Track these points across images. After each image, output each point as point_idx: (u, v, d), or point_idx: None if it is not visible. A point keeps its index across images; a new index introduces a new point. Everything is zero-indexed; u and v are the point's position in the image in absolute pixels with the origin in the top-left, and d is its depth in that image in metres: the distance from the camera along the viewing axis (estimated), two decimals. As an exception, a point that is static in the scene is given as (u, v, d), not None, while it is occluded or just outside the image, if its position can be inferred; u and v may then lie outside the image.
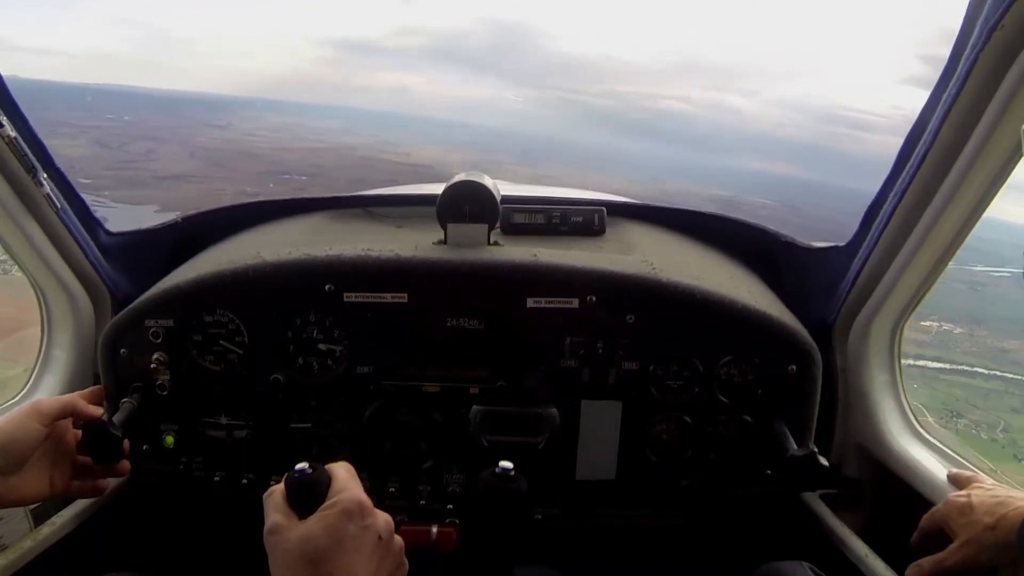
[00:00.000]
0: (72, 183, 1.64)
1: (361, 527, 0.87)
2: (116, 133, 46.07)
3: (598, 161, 51.72)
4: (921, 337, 7.16)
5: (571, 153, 34.83)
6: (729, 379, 1.62)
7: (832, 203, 26.57)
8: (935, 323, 7.59)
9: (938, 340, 7.43)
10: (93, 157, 36.31)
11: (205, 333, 1.58)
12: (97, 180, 29.53)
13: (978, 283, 8.21)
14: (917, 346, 6.87)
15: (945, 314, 7.92)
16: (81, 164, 32.84)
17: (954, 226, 1.43)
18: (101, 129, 46.31)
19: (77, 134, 40.76)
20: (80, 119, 49.39)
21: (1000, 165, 1.32)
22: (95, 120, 51.71)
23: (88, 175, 30.12)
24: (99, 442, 1.36)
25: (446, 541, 1.53)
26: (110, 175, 30.96)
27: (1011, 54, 1.20)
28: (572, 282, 1.56)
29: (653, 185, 15.62)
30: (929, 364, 6.76)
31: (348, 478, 0.93)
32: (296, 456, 0.93)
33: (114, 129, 48.79)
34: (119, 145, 41.10)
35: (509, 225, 1.89)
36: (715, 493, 1.69)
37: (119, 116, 60.96)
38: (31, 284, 1.70)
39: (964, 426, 5.93)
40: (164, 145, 44.44)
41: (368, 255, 1.57)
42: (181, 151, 43.30)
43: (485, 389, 1.61)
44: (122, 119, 58.75)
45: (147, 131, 51.08)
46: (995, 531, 1.20)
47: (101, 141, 41.29)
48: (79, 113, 54.71)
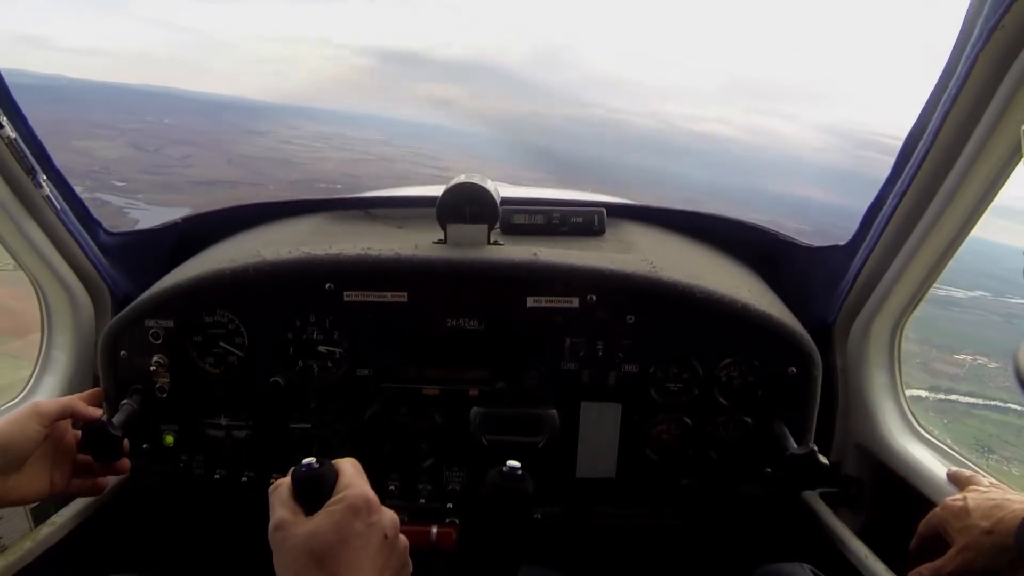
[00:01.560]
0: (72, 184, 1.64)
1: (368, 524, 0.86)
2: (154, 136, 45.94)
3: (638, 181, 51.38)
4: (954, 371, 7.00)
5: (610, 172, 34.61)
6: (729, 381, 1.62)
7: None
8: (969, 357, 7.40)
9: (972, 374, 7.21)
10: (129, 159, 36.23)
11: (205, 334, 1.58)
12: (131, 183, 29.48)
13: (1015, 315, 8.07)
14: (950, 380, 6.69)
15: (980, 347, 7.72)
16: (117, 166, 32.76)
17: (954, 226, 1.43)
18: (139, 131, 46.19)
19: (115, 136, 40.59)
20: (120, 120, 49.15)
21: (1000, 165, 1.32)
22: (134, 122, 51.56)
23: (123, 178, 30.04)
24: (99, 442, 1.36)
25: (446, 541, 1.53)
26: (145, 179, 30.92)
27: (1011, 54, 1.20)
28: (572, 281, 1.56)
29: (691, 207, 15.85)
30: (961, 399, 6.58)
31: (355, 474, 0.92)
32: (296, 456, 0.93)
33: (153, 131, 48.69)
34: (156, 148, 41.01)
35: (509, 226, 1.89)
36: (715, 493, 1.69)
37: (159, 119, 60.84)
38: (32, 285, 1.70)
39: (995, 462, 5.86)
40: (202, 150, 44.08)
41: (368, 254, 1.57)
42: (219, 157, 43.11)
43: (485, 391, 1.61)
44: (162, 121, 58.62)
45: (186, 135, 50.87)
46: (992, 535, 1.20)
47: (138, 144, 41.21)
48: (119, 114, 54.44)
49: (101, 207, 24.93)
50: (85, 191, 9.95)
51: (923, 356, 7.66)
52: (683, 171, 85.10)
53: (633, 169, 16.56)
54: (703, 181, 18.46)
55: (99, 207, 25.70)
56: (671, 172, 76.55)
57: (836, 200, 32.67)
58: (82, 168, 31.87)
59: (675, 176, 15.47)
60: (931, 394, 6.16)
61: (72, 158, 34.80)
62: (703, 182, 14.91)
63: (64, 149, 37.71)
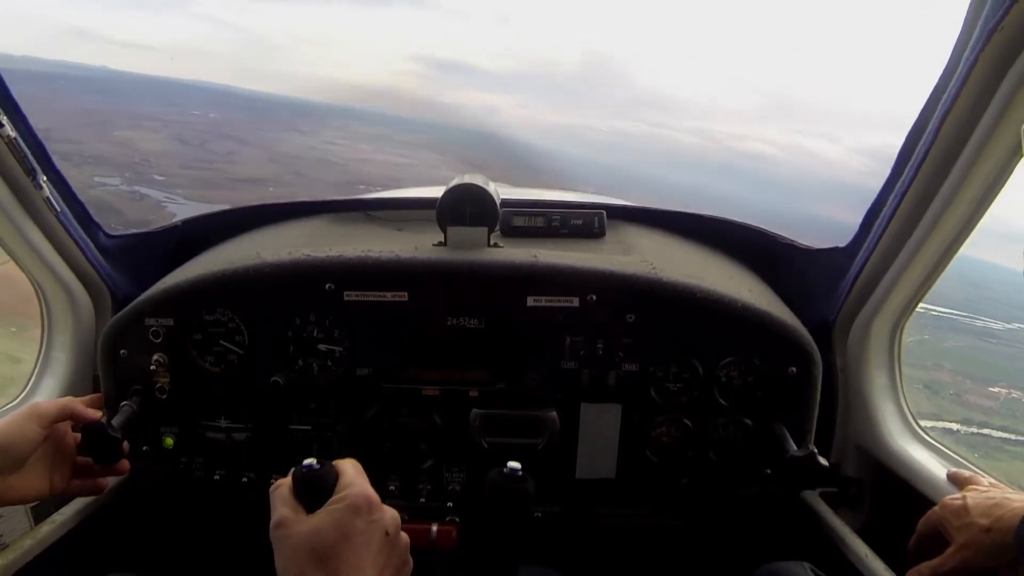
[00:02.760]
0: (72, 185, 1.64)
1: (369, 522, 0.86)
2: (199, 131, 45.73)
3: (680, 198, 50.88)
4: (988, 404, 6.88)
5: (653, 187, 34.00)
6: (729, 381, 1.62)
7: None
8: (1004, 390, 7.23)
9: (1007, 408, 7.09)
10: (172, 153, 36.07)
11: (205, 332, 1.58)
12: (172, 177, 29.32)
13: (1055, 346, 7.98)
14: (983, 413, 6.56)
15: (1016, 381, 7.53)
16: (158, 160, 32.63)
17: (954, 226, 1.43)
18: (184, 125, 45.98)
19: (159, 128, 40.37)
20: (165, 114, 48.80)
21: (1000, 165, 1.32)
22: (179, 116, 51.26)
23: (164, 172, 29.95)
24: (98, 444, 1.36)
25: (446, 539, 1.53)
26: (186, 173, 30.82)
27: (1011, 55, 1.20)
28: (572, 281, 1.56)
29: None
30: (994, 433, 6.35)
31: (356, 474, 0.92)
32: (296, 457, 0.93)
33: (198, 126, 48.51)
34: (200, 143, 40.85)
35: (509, 228, 1.89)
36: (715, 493, 1.69)
37: (205, 113, 60.64)
38: (31, 285, 1.70)
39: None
40: (245, 147, 43.80)
41: (368, 255, 1.57)
42: (262, 154, 42.96)
43: (485, 392, 1.61)
44: (207, 117, 58.41)
45: (231, 131, 50.72)
46: (991, 533, 1.20)
47: (182, 137, 41.06)
48: (164, 108, 54.16)
49: (139, 200, 24.93)
50: (124, 183, 9.89)
51: (957, 387, 7.57)
52: (725, 188, 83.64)
53: (675, 183, 16.43)
54: (743, 199, 18.13)
55: (137, 200, 25.56)
56: (713, 189, 75.63)
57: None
58: (122, 159, 31.76)
59: (717, 193, 15.04)
60: (963, 427, 6.06)
61: (113, 149, 34.75)
62: (743, 200, 14.51)
63: (105, 141, 37.68)
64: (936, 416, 6.63)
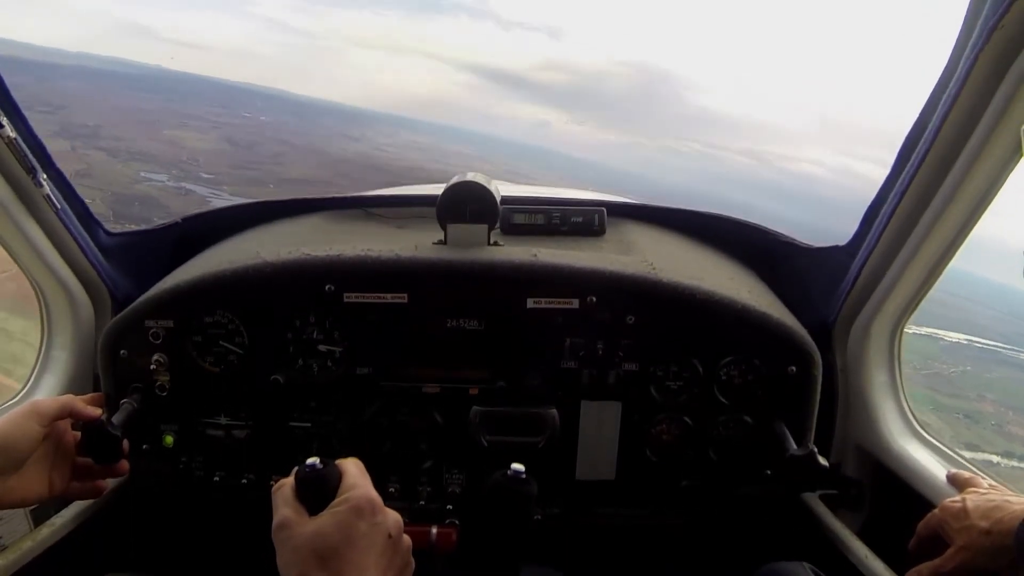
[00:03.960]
0: (72, 184, 1.64)
1: (372, 525, 0.86)
2: (249, 132, 46.01)
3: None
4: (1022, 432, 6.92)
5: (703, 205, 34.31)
6: (729, 380, 1.62)
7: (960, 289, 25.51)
8: None
9: None
10: (221, 153, 36.32)
11: (205, 334, 1.58)
12: (219, 176, 29.50)
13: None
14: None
15: None
16: (207, 159, 32.83)
17: (954, 226, 1.43)
18: (234, 126, 46.28)
19: (209, 128, 40.59)
20: (216, 114, 49.10)
21: (1000, 165, 1.32)
22: (230, 117, 51.58)
23: (211, 170, 30.11)
24: (98, 442, 1.36)
25: (446, 542, 1.53)
26: (234, 173, 30.99)
27: (1011, 54, 1.20)
28: (572, 282, 1.56)
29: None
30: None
31: (359, 474, 0.92)
32: (296, 457, 0.93)
33: (248, 128, 48.76)
34: (249, 145, 41.16)
35: (509, 225, 1.89)
36: (715, 493, 1.69)
37: (256, 116, 60.99)
38: (31, 284, 1.70)
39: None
40: (294, 150, 44.15)
41: (368, 255, 1.57)
42: (310, 158, 43.24)
43: (485, 390, 1.61)
44: (258, 119, 58.77)
45: (281, 134, 50.99)
46: (990, 535, 1.20)
47: (232, 138, 41.38)
48: (216, 108, 54.47)
49: (185, 196, 25.07)
50: (170, 180, 9.97)
51: (999, 418, 7.48)
52: (773, 208, 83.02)
53: (725, 202, 16.31)
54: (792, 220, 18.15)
55: (182, 196, 25.61)
56: (763, 209, 75.66)
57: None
58: (170, 158, 31.90)
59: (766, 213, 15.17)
60: (1004, 460, 5.95)
61: (161, 147, 34.96)
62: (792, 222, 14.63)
63: (154, 139, 37.88)
64: (975, 446, 6.55)
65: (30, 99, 34.65)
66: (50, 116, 39.52)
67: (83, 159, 31.94)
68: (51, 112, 39.67)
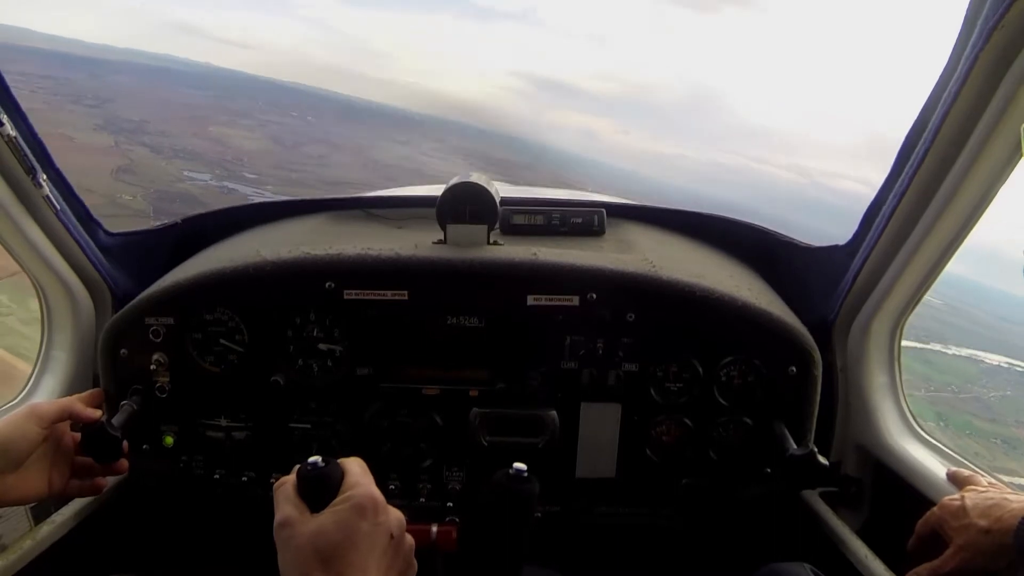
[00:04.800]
0: (72, 184, 1.64)
1: (374, 524, 0.86)
2: (295, 132, 46.29)
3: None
4: None
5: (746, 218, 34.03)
6: (729, 380, 1.62)
7: (1001, 309, 25.45)
8: None
9: None
10: (266, 152, 36.53)
11: (205, 332, 1.58)
12: (262, 176, 29.69)
13: None
14: None
15: None
16: (251, 158, 32.96)
17: (954, 226, 1.43)
18: (280, 126, 46.50)
19: (255, 127, 40.78)
20: (262, 114, 49.28)
21: (1000, 165, 1.32)
22: (277, 117, 51.77)
23: (255, 170, 30.22)
24: (98, 444, 1.36)
25: (446, 540, 1.53)
26: (277, 173, 31.11)
27: (1011, 54, 1.20)
28: (572, 279, 1.56)
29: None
30: None
31: (361, 473, 0.92)
32: (296, 457, 0.93)
33: (294, 128, 49.04)
34: (294, 144, 41.44)
35: (509, 226, 1.89)
36: (715, 493, 1.69)
37: (302, 116, 61.27)
38: (32, 284, 1.70)
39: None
40: (339, 151, 44.54)
41: (368, 254, 1.57)
42: (355, 160, 43.51)
43: (485, 391, 1.61)
44: (305, 119, 59.09)
45: (327, 135, 51.33)
46: (990, 534, 1.20)
47: (277, 138, 41.60)
48: (263, 108, 54.61)
49: (227, 195, 24.95)
50: (214, 179, 10.09)
51: None
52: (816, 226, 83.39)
53: (768, 218, 16.53)
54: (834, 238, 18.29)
55: (225, 195, 25.61)
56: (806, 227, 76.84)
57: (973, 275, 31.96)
58: (215, 156, 31.87)
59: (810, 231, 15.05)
60: None
61: (206, 145, 34.99)
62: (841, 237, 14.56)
63: (200, 136, 38.00)
64: (1014, 472, 6.45)
65: (78, 93, 34.46)
66: (95, 110, 39.52)
67: (126, 155, 31.99)
68: (96, 106, 39.66)
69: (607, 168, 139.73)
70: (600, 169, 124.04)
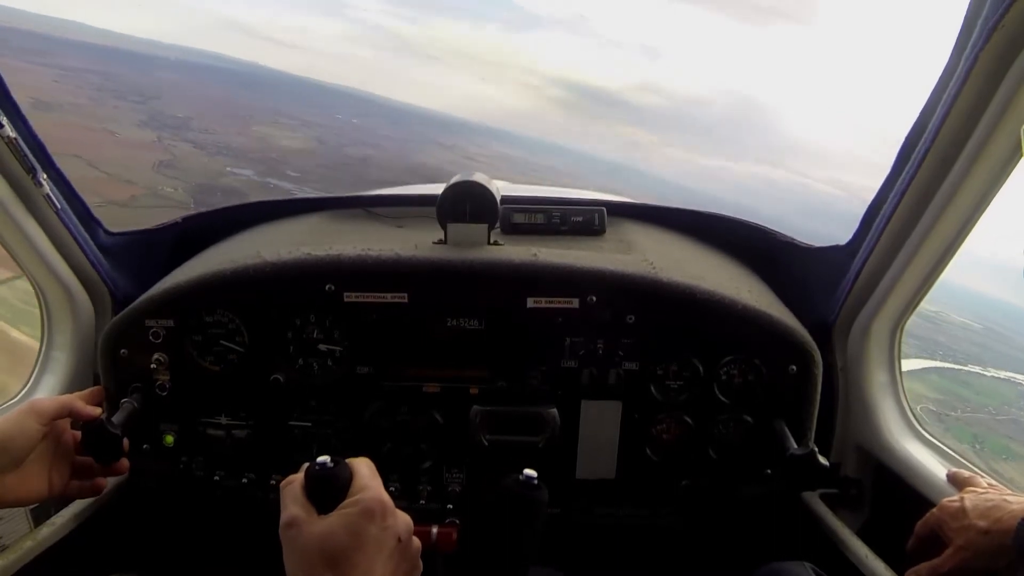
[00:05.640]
0: (71, 183, 1.64)
1: (382, 528, 0.86)
2: (340, 134, 46.74)
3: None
4: None
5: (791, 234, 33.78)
6: (729, 379, 1.62)
7: None
8: None
9: None
10: (310, 152, 36.84)
11: (205, 333, 1.58)
12: (306, 175, 29.99)
13: None
14: None
15: None
16: (294, 157, 33.19)
17: (954, 226, 1.43)
18: (325, 127, 46.88)
19: (300, 127, 41.06)
20: (308, 114, 49.61)
21: (1000, 165, 1.32)
22: (322, 118, 52.16)
23: (298, 169, 30.43)
24: (98, 441, 1.36)
25: (446, 541, 1.53)
26: (320, 172, 31.41)
27: (1011, 54, 1.20)
28: (572, 282, 1.56)
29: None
30: None
31: (370, 475, 0.92)
32: (296, 456, 0.92)
33: (339, 130, 49.51)
34: (338, 146, 41.87)
35: (509, 225, 1.89)
36: (715, 493, 1.69)
37: (348, 118, 61.72)
38: (31, 284, 1.70)
39: None
40: (383, 154, 45.03)
41: (368, 254, 1.57)
42: (399, 163, 43.92)
43: (485, 389, 1.61)
44: (350, 122, 59.61)
45: (371, 137, 51.80)
46: (989, 535, 1.20)
47: (321, 138, 42.00)
48: (309, 109, 54.96)
49: (271, 190, 25.03)
50: (257, 175, 10.18)
51: None
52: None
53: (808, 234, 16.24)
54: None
55: (269, 190, 25.79)
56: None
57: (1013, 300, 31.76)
58: (259, 154, 32.03)
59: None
60: None
61: (250, 143, 35.22)
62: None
63: (244, 134, 38.20)
64: None
65: (124, 89, 34.64)
66: (140, 106, 39.73)
67: (169, 150, 32.19)
68: (141, 102, 39.82)
69: (649, 178, 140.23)
70: (643, 178, 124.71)
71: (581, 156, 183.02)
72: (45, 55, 56.17)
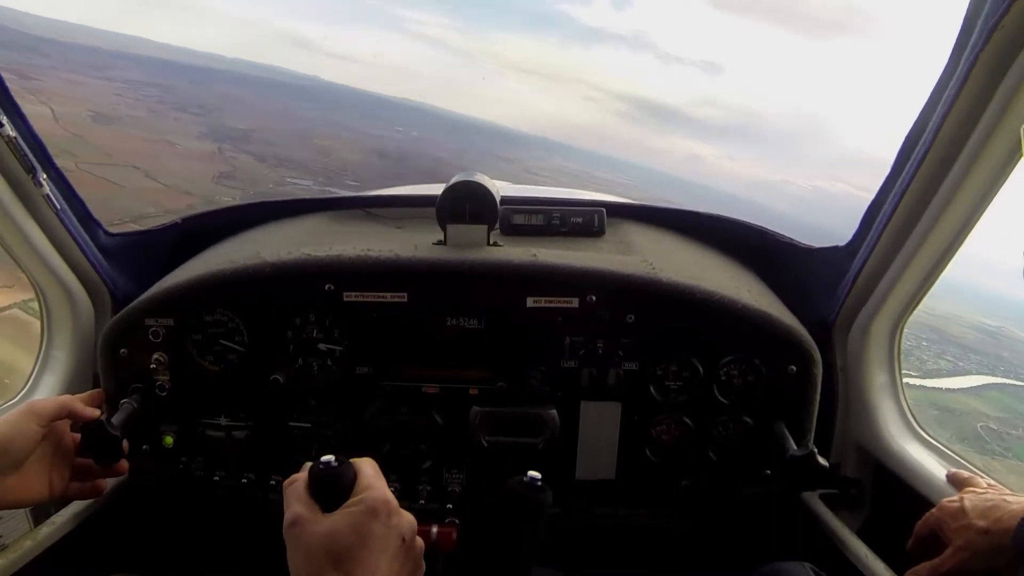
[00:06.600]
0: (71, 183, 1.64)
1: (387, 527, 0.86)
2: (399, 146, 47.37)
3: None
4: None
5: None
6: (729, 380, 1.62)
7: None
8: None
9: None
10: (369, 164, 37.57)
11: (205, 332, 1.58)
12: (364, 184, 30.52)
13: None
14: None
15: None
16: (355, 169, 33.93)
17: (954, 226, 1.43)
18: (386, 140, 47.53)
19: (360, 140, 41.72)
20: (368, 127, 50.22)
21: (1000, 165, 1.32)
22: (382, 131, 52.79)
23: (357, 178, 31.01)
24: (98, 442, 1.36)
25: (446, 541, 1.53)
26: (379, 182, 32.03)
27: (1011, 54, 1.20)
28: (572, 282, 1.56)
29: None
30: None
31: (374, 475, 0.92)
32: (296, 457, 0.92)
33: (399, 142, 50.16)
34: (399, 158, 42.38)
35: (509, 226, 1.89)
36: (715, 493, 1.69)
37: (408, 131, 62.26)
38: (31, 284, 1.70)
39: None
40: (442, 166, 44.95)
41: (368, 255, 1.57)
42: (458, 174, 45.60)
43: (485, 390, 1.61)
44: (410, 134, 60.17)
45: (431, 150, 52.39)
46: (988, 535, 1.20)
47: (381, 151, 42.59)
48: (369, 121, 55.64)
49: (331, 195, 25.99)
50: (316, 184, 10.34)
51: None
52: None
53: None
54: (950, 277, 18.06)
55: (329, 195, 27.45)
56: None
57: None
58: (318, 166, 32.38)
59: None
60: None
61: (310, 155, 35.66)
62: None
63: (305, 147, 38.61)
64: None
65: (184, 101, 35.14)
66: (201, 118, 40.19)
67: (229, 161, 32.55)
68: (202, 114, 40.28)
69: (711, 193, 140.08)
70: (703, 193, 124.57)
71: (640, 169, 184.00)
72: (105, 69, 56.69)
